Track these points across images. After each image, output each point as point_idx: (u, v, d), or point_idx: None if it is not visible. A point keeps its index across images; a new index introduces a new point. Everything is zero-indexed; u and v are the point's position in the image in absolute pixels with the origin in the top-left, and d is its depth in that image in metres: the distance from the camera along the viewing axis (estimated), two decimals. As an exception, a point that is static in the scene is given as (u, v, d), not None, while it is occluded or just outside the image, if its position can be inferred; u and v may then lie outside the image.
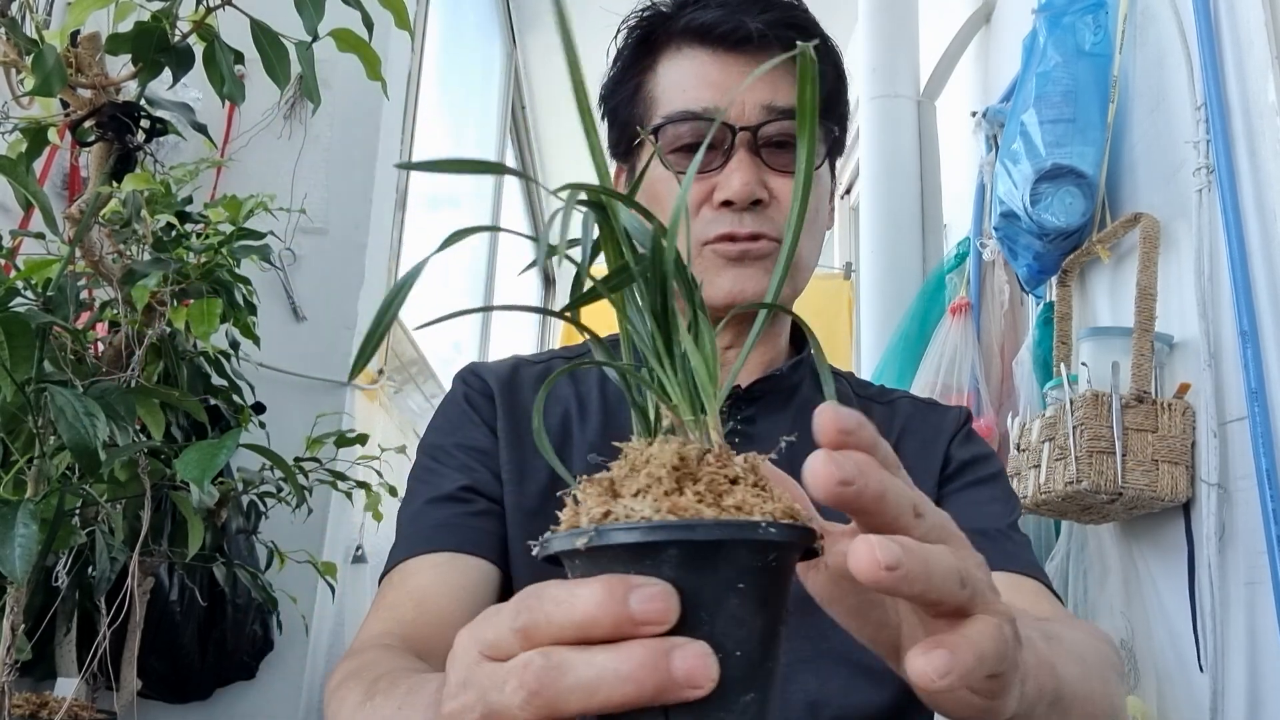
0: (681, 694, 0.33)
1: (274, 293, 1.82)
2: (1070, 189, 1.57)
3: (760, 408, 0.85)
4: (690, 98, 0.83)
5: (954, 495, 0.83)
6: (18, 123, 1.08)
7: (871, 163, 2.59)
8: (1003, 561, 0.76)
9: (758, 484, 0.37)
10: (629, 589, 0.33)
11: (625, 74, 0.89)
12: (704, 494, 0.35)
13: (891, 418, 0.89)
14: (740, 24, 0.82)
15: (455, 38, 2.90)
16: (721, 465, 0.37)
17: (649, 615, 0.33)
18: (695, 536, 0.34)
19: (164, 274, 1.10)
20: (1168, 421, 1.36)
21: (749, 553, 0.34)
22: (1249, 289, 1.25)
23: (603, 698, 0.33)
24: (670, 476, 0.36)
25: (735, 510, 0.35)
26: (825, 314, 3.17)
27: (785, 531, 0.34)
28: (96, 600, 1.14)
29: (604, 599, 0.33)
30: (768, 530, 0.34)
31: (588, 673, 0.33)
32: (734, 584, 0.34)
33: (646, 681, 0.32)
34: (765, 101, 0.82)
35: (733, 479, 0.37)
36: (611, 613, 0.33)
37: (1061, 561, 1.60)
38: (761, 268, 0.82)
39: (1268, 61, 1.25)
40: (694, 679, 0.32)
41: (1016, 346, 1.90)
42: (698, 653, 0.33)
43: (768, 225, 0.82)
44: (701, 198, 0.83)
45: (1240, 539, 1.25)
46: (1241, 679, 1.23)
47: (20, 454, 0.98)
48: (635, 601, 0.33)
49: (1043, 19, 1.66)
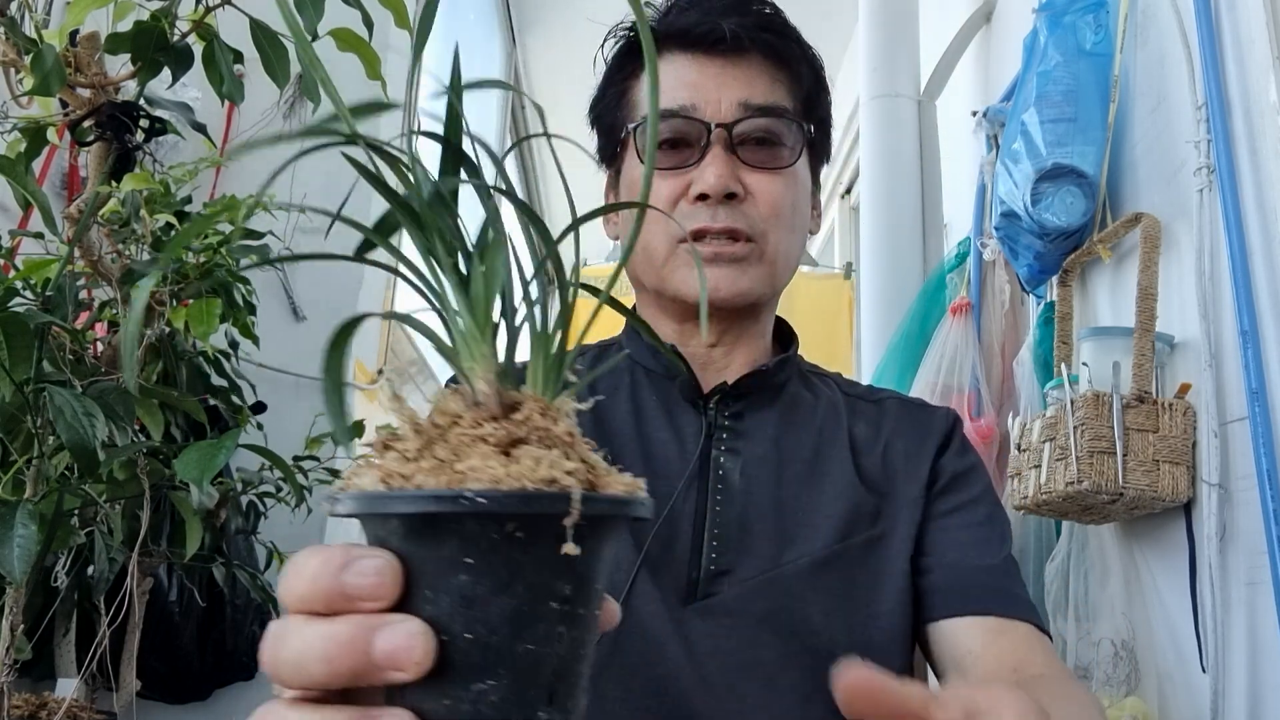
0: (383, 676, 0.30)
1: (273, 293, 1.82)
2: (1071, 189, 1.57)
3: (748, 404, 0.86)
4: (667, 98, 0.84)
5: (948, 516, 0.84)
6: (17, 122, 1.08)
7: (871, 163, 2.59)
8: (1003, 606, 0.78)
9: (545, 442, 0.32)
10: (348, 561, 0.31)
11: (610, 82, 0.92)
12: (445, 458, 0.31)
13: (880, 418, 0.90)
14: (715, 26, 0.84)
15: (455, 37, 2.89)
16: (475, 424, 0.32)
17: (360, 590, 0.31)
18: (391, 509, 0.31)
19: (163, 274, 1.10)
20: (1168, 422, 1.36)
21: (476, 525, 0.30)
22: (1250, 289, 1.24)
23: (307, 674, 0.31)
24: (417, 439, 0.32)
25: (461, 476, 0.31)
26: (825, 314, 3.17)
27: (504, 502, 0.30)
28: (96, 600, 1.14)
29: (319, 571, 0.32)
30: (475, 500, 0.29)
31: (295, 648, 0.32)
32: (460, 559, 0.30)
33: (341, 661, 0.31)
34: (741, 99, 0.84)
35: (504, 441, 0.32)
36: (324, 586, 0.31)
37: (1062, 562, 1.59)
38: (735, 269, 0.83)
39: (1269, 61, 1.25)
40: (396, 660, 0.30)
41: (1017, 346, 1.90)
42: (405, 633, 0.30)
43: (742, 220, 0.83)
44: (678, 193, 0.84)
45: (1241, 539, 1.25)
46: (1242, 679, 1.23)
47: (19, 454, 0.97)
48: (349, 575, 0.31)
49: (1043, 18, 1.65)
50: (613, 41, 0.91)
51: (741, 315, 0.87)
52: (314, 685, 0.32)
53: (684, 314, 0.87)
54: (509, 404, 0.33)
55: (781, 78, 0.87)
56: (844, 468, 0.84)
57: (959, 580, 0.79)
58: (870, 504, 0.82)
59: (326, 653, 0.31)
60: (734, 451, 0.83)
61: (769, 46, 0.86)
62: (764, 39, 0.85)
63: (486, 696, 0.31)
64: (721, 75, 0.84)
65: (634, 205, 0.38)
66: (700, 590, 0.77)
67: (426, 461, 0.32)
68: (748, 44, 0.85)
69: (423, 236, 0.34)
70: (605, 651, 0.73)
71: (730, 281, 0.83)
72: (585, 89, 0.97)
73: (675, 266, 0.84)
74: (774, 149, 0.85)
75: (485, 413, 0.33)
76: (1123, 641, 1.45)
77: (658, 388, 0.87)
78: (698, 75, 0.85)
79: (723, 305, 0.84)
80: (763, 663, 0.75)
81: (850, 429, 0.87)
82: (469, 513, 0.30)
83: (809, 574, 0.78)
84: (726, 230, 0.82)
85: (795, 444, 0.85)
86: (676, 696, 0.73)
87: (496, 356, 0.34)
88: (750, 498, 0.81)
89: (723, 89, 0.84)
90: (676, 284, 0.85)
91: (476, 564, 0.30)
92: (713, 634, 0.75)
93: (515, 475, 0.31)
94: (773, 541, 0.79)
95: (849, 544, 0.80)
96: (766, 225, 0.84)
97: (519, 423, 0.33)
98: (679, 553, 0.78)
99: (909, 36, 2.63)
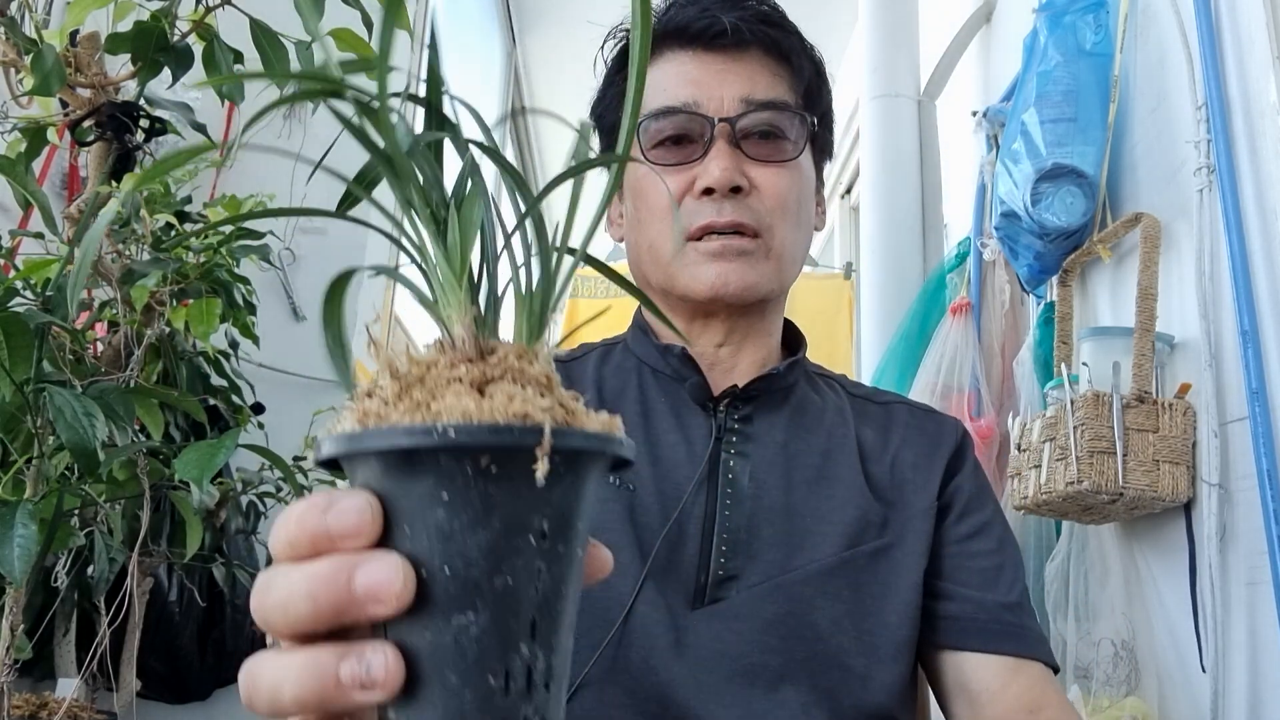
0: (365, 610, 0.31)
1: (273, 292, 1.82)
2: (1071, 189, 1.57)
3: (757, 407, 0.85)
4: (670, 95, 0.84)
5: (967, 542, 0.84)
6: (17, 122, 1.08)
7: (871, 163, 2.59)
8: (1022, 647, 0.80)
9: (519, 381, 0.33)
10: (330, 503, 0.32)
11: (610, 82, 0.92)
12: (422, 400, 0.32)
13: (888, 421, 0.90)
14: (714, 20, 0.84)
15: (455, 38, 2.90)
16: (451, 365, 0.33)
17: (343, 529, 0.32)
18: (366, 445, 0.32)
19: (163, 274, 1.10)
20: (1168, 421, 1.36)
21: (451, 459, 0.31)
22: (1250, 289, 1.24)
23: (294, 615, 0.32)
24: (395, 384, 0.33)
25: (436, 414, 0.31)
26: (825, 314, 3.16)
27: (475, 434, 0.30)
28: (96, 600, 1.14)
29: (304, 514, 0.33)
30: (446, 434, 0.30)
31: (281, 590, 0.32)
32: (437, 494, 0.31)
33: (324, 597, 0.31)
34: (743, 95, 0.84)
35: (478, 380, 0.33)
36: (309, 528, 0.32)
37: (1062, 562, 1.59)
38: (743, 262, 0.82)
39: (1269, 61, 1.25)
40: (376, 594, 0.31)
41: (1017, 346, 1.90)
42: (384, 566, 0.31)
43: (747, 214, 0.82)
44: (684, 188, 0.84)
45: (1241, 539, 1.25)
46: (1243, 679, 1.23)
47: (19, 454, 0.97)
48: (330, 515, 0.32)
49: (1043, 18, 1.65)
50: (612, 43, 0.91)
51: (749, 313, 0.87)
52: (301, 625, 0.32)
53: (692, 312, 0.87)
54: (486, 349, 0.34)
55: (782, 72, 0.86)
56: (852, 473, 0.83)
57: (980, 615, 0.80)
58: (878, 513, 0.82)
59: (311, 590, 0.31)
60: (743, 455, 0.82)
61: (769, 40, 0.86)
62: (764, 33, 0.85)
63: (467, 629, 0.31)
64: (723, 71, 0.84)
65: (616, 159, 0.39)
66: (708, 595, 0.76)
67: (404, 404, 0.32)
68: (748, 38, 0.84)
69: (400, 187, 0.35)
70: (610, 654, 0.73)
71: (739, 275, 0.82)
72: (585, 89, 0.97)
73: (683, 264, 0.84)
74: (778, 142, 0.85)
75: (461, 356, 0.34)
76: (1123, 641, 1.45)
77: (666, 390, 0.86)
78: (699, 71, 0.85)
79: (731, 300, 0.83)
80: (768, 668, 0.74)
81: (858, 433, 0.87)
82: (441, 447, 0.30)
83: (816, 580, 0.77)
84: (733, 224, 0.82)
85: (804, 448, 0.84)
86: (681, 699, 0.72)
87: (475, 304, 0.35)
88: (759, 502, 0.80)
89: (725, 84, 0.84)
90: (684, 281, 0.84)
91: (452, 499, 0.31)
92: (719, 638, 0.75)
93: (487, 410, 0.31)
94: (781, 547, 0.78)
95: (857, 552, 0.79)
96: (773, 219, 0.84)
97: (494, 364, 0.33)
98: (687, 556, 0.77)
99: (909, 36, 2.63)
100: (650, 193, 0.85)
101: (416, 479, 0.31)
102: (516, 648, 0.32)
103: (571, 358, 0.92)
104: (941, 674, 0.81)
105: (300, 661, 0.32)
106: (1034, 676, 0.79)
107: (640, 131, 0.85)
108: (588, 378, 0.88)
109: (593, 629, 0.73)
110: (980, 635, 0.80)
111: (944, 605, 0.81)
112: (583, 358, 0.92)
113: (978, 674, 0.79)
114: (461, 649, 0.31)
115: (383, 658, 0.31)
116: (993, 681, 0.78)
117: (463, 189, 0.35)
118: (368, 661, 0.31)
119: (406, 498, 0.32)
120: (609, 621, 0.73)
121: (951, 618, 0.81)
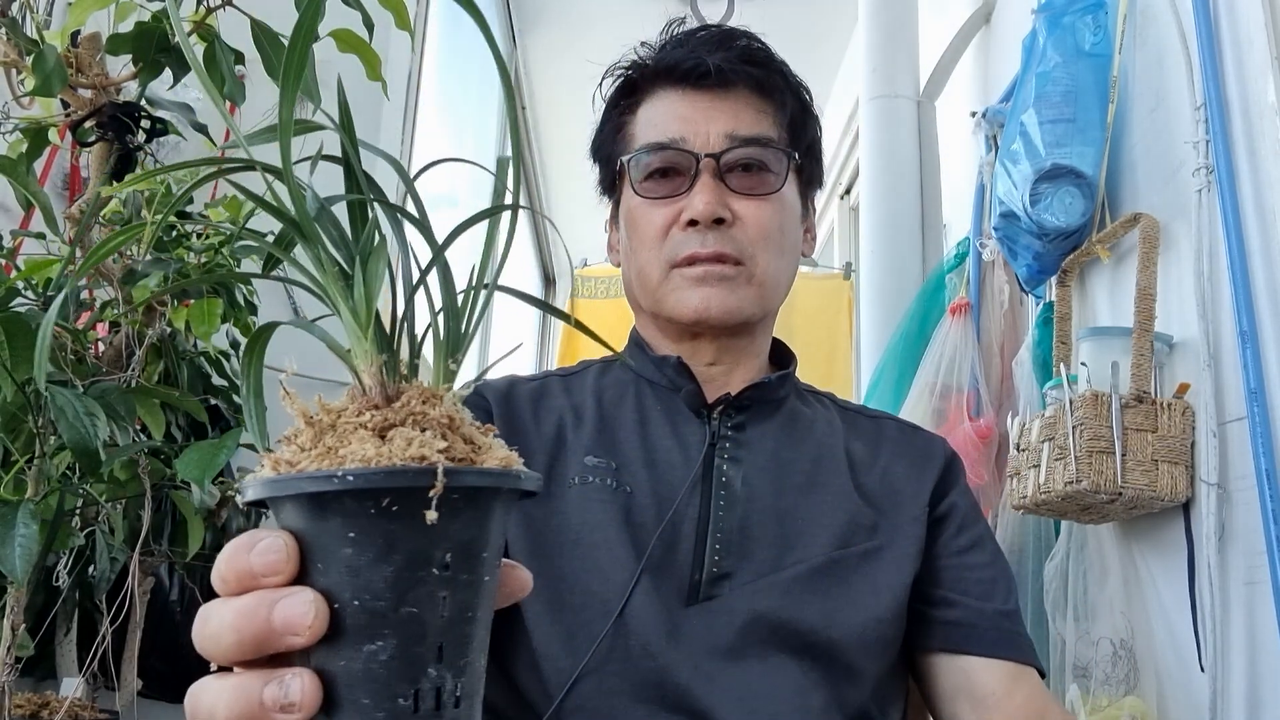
0: (283, 640, 0.34)
1: (274, 292, 1.82)
2: (1070, 189, 1.57)
3: (750, 415, 0.89)
4: (660, 130, 0.90)
5: (964, 555, 0.88)
6: (18, 123, 1.09)
7: (871, 163, 2.59)
8: (1021, 653, 0.84)
9: (420, 425, 0.36)
10: (253, 543, 0.36)
11: (608, 117, 0.97)
12: (332, 445, 0.35)
13: (878, 435, 0.94)
14: (701, 61, 0.89)
15: (455, 38, 2.90)
16: (358, 413, 0.36)
17: (264, 567, 0.35)
18: (280, 491, 0.35)
19: (164, 274, 1.10)
20: (1167, 421, 1.36)
21: (354, 501, 0.34)
22: (1249, 289, 1.25)
23: (223, 646, 0.36)
24: (310, 431, 0.36)
25: (342, 460, 0.34)
26: (825, 314, 3.16)
27: (371, 478, 0.33)
28: (97, 600, 1.14)
29: (232, 554, 0.36)
30: (345, 479, 0.33)
31: (214, 624, 0.36)
32: (344, 533, 0.34)
33: (246, 630, 0.35)
34: (728, 131, 0.89)
35: (380, 425, 0.36)
36: (236, 567, 0.36)
37: (1061, 561, 1.60)
38: (725, 287, 0.87)
39: (1268, 62, 1.25)
40: (291, 626, 0.34)
41: (1016, 346, 1.90)
42: (299, 601, 0.34)
43: (729, 244, 0.87)
44: (670, 220, 0.89)
45: (1240, 539, 1.25)
46: (1242, 679, 1.23)
47: (20, 454, 0.98)
48: (252, 555, 0.35)
49: (1042, 19, 1.66)
50: (609, 80, 0.96)
51: (735, 334, 0.91)
52: (229, 655, 0.36)
53: (680, 334, 0.92)
54: (392, 395, 0.37)
55: (767, 108, 0.91)
56: (842, 480, 0.87)
57: (981, 622, 0.84)
58: (868, 517, 0.85)
59: (236, 624, 0.35)
60: (736, 460, 0.86)
61: (753, 79, 0.91)
62: (748, 72, 0.90)
63: (377, 656, 0.34)
64: (709, 109, 0.89)
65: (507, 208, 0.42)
66: (702, 592, 0.79)
67: (316, 450, 0.35)
68: (733, 78, 0.90)
69: (310, 248, 0.38)
70: (608, 644, 0.75)
71: (720, 300, 0.87)
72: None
73: (669, 290, 0.89)
74: (760, 175, 0.90)
75: (368, 403, 0.37)
76: (1121, 641, 1.45)
77: (662, 398, 0.90)
78: (688, 109, 0.90)
79: (714, 323, 0.88)
80: (760, 661, 0.76)
81: (847, 445, 0.91)
82: (344, 490, 0.33)
83: (807, 578, 0.80)
84: (715, 255, 0.87)
85: (795, 456, 0.88)
86: (679, 682, 0.75)
87: (380, 352, 0.38)
88: (752, 505, 0.83)
89: (710, 121, 0.89)
90: (671, 305, 0.89)
91: (358, 537, 0.34)
92: (711, 630, 0.77)
93: (386, 455, 0.34)
94: (773, 547, 0.81)
95: (847, 552, 0.82)
96: (755, 248, 0.88)
97: (397, 410, 0.36)
98: (681, 556, 0.80)
99: (908, 37, 2.63)
100: (641, 223, 0.91)
101: (326, 520, 0.34)
102: (424, 670, 0.34)
103: (571, 372, 0.97)
104: (940, 677, 0.84)
105: (231, 685, 0.36)
106: (1035, 683, 0.83)
107: (632, 165, 0.91)
108: (587, 389, 0.92)
109: (592, 622, 0.76)
110: (982, 641, 0.83)
111: (945, 612, 0.85)
112: (582, 372, 0.96)
113: (981, 678, 0.82)
114: (372, 673, 0.34)
115: (299, 682, 0.34)
116: (997, 686, 0.82)
117: (369, 245, 0.39)
118: (287, 686, 0.35)
119: (319, 537, 0.35)
120: (607, 614, 0.76)
121: (954, 623, 0.84)
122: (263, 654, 0.35)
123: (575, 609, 0.77)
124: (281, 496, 0.35)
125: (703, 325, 0.88)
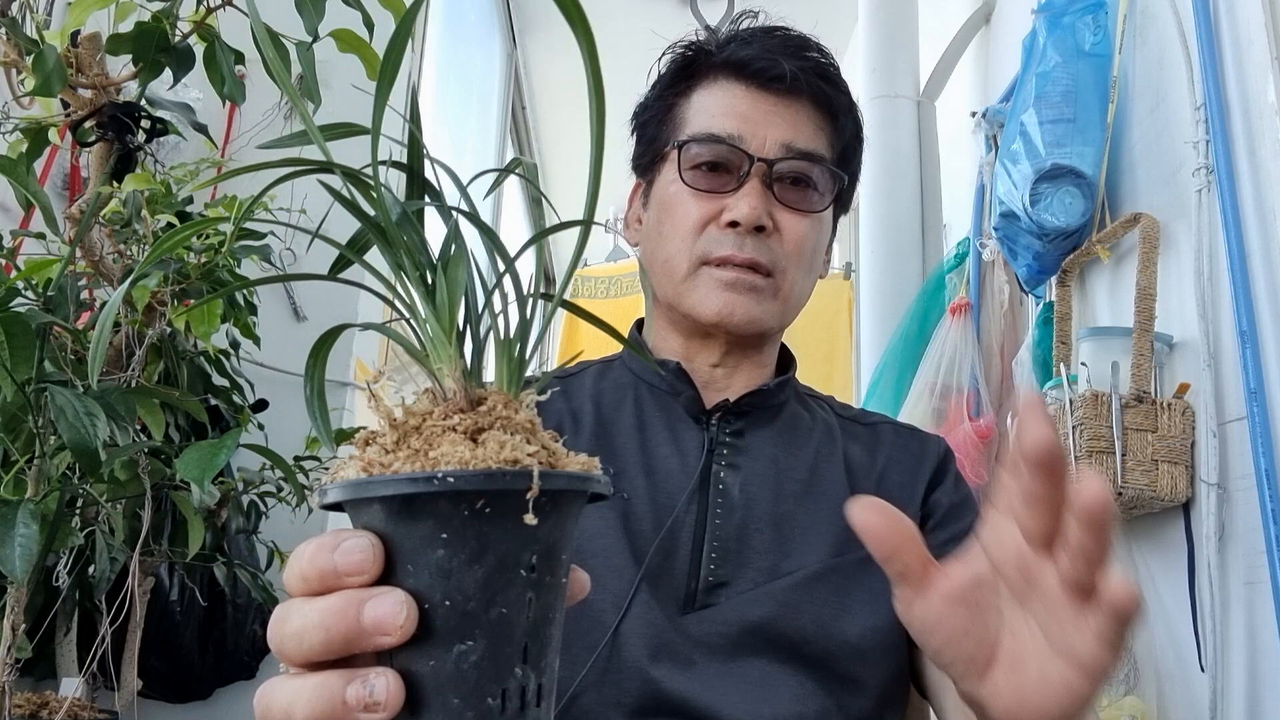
0: (372, 641, 0.34)
1: (274, 292, 1.82)
2: (1070, 189, 1.57)
3: (748, 421, 0.88)
4: (716, 123, 0.87)
5: (946, 548, 0.85)
6: (18, 123, 1.09)
7: (871, 163, 2.58)
8: None
9: (508, 429, 0.36)
10: (338, 543, 0.35)
11: (661, 95, 0.94)
12: (419, 448, 0.35)
13: (874, 441, 0.92)
14: (775, 63, 0.87)
15: (455, 38, 2.90)
16: (445, 416, 0.37)
17: (349, 567, 0.35)
18: (373, 493, 0.35)
19: (164, 274, 1.10)
20: (1167, 421, 1.36)
21: (448, 504, 0.34)
22: (1248, 289, 1.25)
23: (308, 645, 0.35)
24: (393, 433, 0.37)
25: (434, 461, 0.34)
26: (825, 314, 3.17)
27: (472, 481, 0.33)
28: (97, 600, 1.14)
29: (314, 553, 0.36)
30: (446, 480, 0.33)
31: (296, 622, 0.36)
32: (437, 535, 0.34)
33: (335, 628, 0.35)
34: (786, 140, 0.87)
35: (470, 429, 0.36)
36: (319, 566, 0.36)
37: (1061, 561, 1.60)
38: (752, 296, 0.86)
39: (1267, 62, 1.25)
40: (382, 626, 0.34)
41: (1016, 346, 1.90)
42: (390, 601, 0.34)
43: (765, 253, 0.86)
44: (709, 216, 0.87)
45: (1240, 539, 1.25)
46: (1241, 679, 1.23)
47: (21, 454, 0.98)
48: (338, 554, 0.35)
49: (1042, 19, 1.66)
50: (669, 56, 0.94)
51: (746, 343, 0.90)
52: (314, 654, 0.35)
53: (691, 331, 0.90)
54: (475, 399, 0.37)
55: (826, 126, 0.90)
56: (839, 487, 0.86)
57: None
58: None
59: (324, 622, 0.35)
60: (734, 467, 0.85)
61: (820, 93, 0.89)
62: (817, 86, 0.88)
63: (467, 657, 0.34)
64: (771, 112, 0.87)
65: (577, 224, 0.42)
66: (699, 600, 0.78)
67: (403, 452, 0.35)
68: (802, 87, 0.88)
69: (391, 253, 0.38)
70: (606, 655, 0.74)
71: (744, 308, 0.85)
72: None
73: (693, 286, 0.87)
74: (807, 192, 0.88)
75: (454, 406, 0.37)
76: (1121, 641, 1.45)
77: (661, 403, 0.89)
78: (749, 108, 0.88)
79: (734, 329, 0.86)
80: (756, 669, 0.76)
81: (845, 451, 0.90)
82: (441, 492, 0.33)
83: (804, 586, 0.79)
84: (750, 262, 0.85)
85: (793, 462, 0.87)
86: (676, 692, 0.74)
87: (463, 357, 0.38)
88: (749, 512, 0.82)
89: (770, 126, 0.87)
90: (692, 303, 0.87)
91: (450, 539, 0.34)
92: (708, 640, 0.76)
93: (481, 458, 0.34)
94: (770, 554, 0.80)
95: (844, 560, 0.81)
96: (788, 262, 0.87)
97: (484, 413, 0.37)
98: (679, 563, 0.79)
99: (908, 37, 2.63)
100: (678, 212, 0.88)
101: (418, 521, 0.34)
102: (511, 671, 0.35)
103: (569, 374, 0.95)
104: (937, 677, 0.82)
105: (311, 685, 0.35)
106: None
107: (682, 150, 0.88)
108: (585, 392, 0.91)
109: (589, 632, 0.75)
110: None
111: None
112: (580, 374, 0.95)
113: None
114: (462, 674, 0.34)
115: (384, 681, 0.34)
116: None
117: (448, 252, 0.39)
118: (371, 685, 0.34)
119: (409, 538, 0.35)
120: (604, 625, 0.75)
121: None
122: (348, 654, 0.35)
123: (572, 618, 0.76)
124: (369, 498, 0.35)
125: (720, 329, 0.87)
